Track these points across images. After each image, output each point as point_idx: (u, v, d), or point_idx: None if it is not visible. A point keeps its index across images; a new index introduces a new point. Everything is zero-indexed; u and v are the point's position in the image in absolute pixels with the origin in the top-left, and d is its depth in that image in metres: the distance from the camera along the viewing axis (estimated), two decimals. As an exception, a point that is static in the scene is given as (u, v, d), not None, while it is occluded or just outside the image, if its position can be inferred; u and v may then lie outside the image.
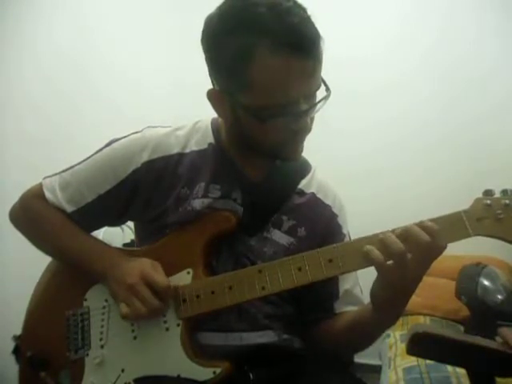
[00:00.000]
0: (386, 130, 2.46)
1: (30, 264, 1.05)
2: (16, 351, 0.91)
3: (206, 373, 0.78)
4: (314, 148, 1.05)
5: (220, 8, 0.74)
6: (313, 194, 0.93)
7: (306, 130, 0.79)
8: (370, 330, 0.84)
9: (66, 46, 2.02)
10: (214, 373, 0.78)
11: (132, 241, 1.75)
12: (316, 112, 0.79)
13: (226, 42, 0.73)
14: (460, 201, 0.77)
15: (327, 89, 0.78)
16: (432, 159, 2.39)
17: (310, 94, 0.75)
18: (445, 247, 0.70)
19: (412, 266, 0.69)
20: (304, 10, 0.72)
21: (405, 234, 0.69)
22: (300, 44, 0.69)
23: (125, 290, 0.80)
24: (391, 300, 0.73)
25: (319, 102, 0.77)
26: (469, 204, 0.76)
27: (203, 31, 0.77)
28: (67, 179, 0.90)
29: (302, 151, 0.84)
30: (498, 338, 0.95)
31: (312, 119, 0.80)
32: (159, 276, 0.81)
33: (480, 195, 0.76)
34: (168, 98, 2.53)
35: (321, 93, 0.78)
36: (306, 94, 0.74)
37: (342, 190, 1.00)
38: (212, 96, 0.80)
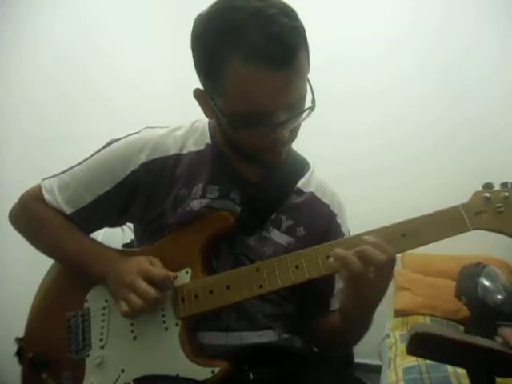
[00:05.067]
0: (386, 131, 2.47)
1: (30, 264, 1.05)
2: (19, 353, 0.91)
3: (204, 372, 0.79)
4: (314, 148, 1.05)
5: (208, 9, 0.73)
6: (311, 193, 0.93)
7: (283, 140, 0.75)
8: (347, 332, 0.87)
9: (66, 45, 2.02)
10: (213, 372, 0.78)
11: (132, 241, 1.74)
12: (297, 123, 0.76)
13: (204, 46, 0.72)
14: (460, 200, 0.77)
15: (313, 99, 0.76)
16: (432, 159, 2.40)
17: (287, 105, 0.71)
18: (393, 258, 0.71)
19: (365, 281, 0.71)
20: (290, 17, 0.69)
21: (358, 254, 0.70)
22: (273, 56, 0.67)
23: (123, 289, 0.81)
24: (353, 308, 0.77)
25: (299, 113, 0.74)
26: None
27: (191, 31, 0.76)
28: (66, 181, 0.90)
29: (284, 158, 0.81)
30: (498, 338, 0.95)
31: (296, 128, 0.78)
32: (156, 268, 0.81)
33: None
34: (168, 98, 2.53)
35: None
36: (283, 105, 0.71)
37: (342, 190, 1.00)
38: (197, 95, 0.80)
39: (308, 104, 0.76)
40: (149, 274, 0.80)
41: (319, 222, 0.92)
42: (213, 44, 0.70)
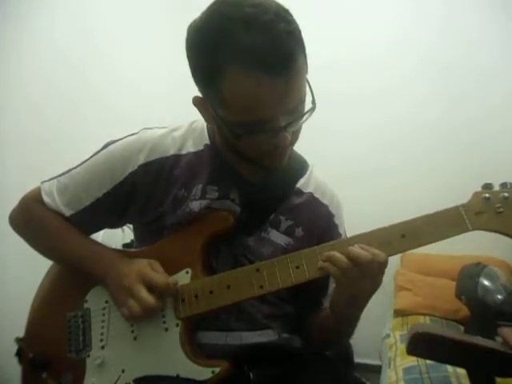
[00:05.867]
0: (386, 131, 2.47)
1: (30, 264, 1.05)
2: (19, 353, 0.91)
3: (204, 372, 0.79)
4: (314, 148, 1.05)
5: (200, 17, 0.72)
6: (310, 193, 0.93)
7: (286, 144, 0.75)
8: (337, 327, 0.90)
9: (66, 46, 2.01)
10: (213, 372, 0.78)
11: (132, 241, 1.75)
12: (298, 126, 0.76)
13: (200, 57, 0.72)
14: (460, 200, 0.77)
15: (313, 101, 0.75)
16: (432, 159, 2.40)
17: (288, 110, 0.71)
18: (380, 260, 0.74)
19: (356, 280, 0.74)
20: (286, 21, 0.68)
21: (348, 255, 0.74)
22: (271, 63, 0.66)
23: (123, 293, 0.81)
24: (343, 305, 0.82)
25: (300, 116, 0.74)
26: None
27: (185, 40, 0.75)
28: (65, 183, 0.90)
29: (286, 160, 0.81)
30: (498, 338, 0.95)
31: (298, 130, 0.78)
32: (157, 274, 0.81)
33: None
34: (168, 98, 2.53)
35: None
36: (284, 110, 0.71)
37: (342, 190, 1.00)
38: (197, 103, 0.80)
39: (308, 105, 0.76)
40: (150, 280, 0.80)
41: (318, 222, 0.92)
42: (209, 54, 0.70)
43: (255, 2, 0.68)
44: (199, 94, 0.78)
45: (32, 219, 0.92)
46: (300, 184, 0.93)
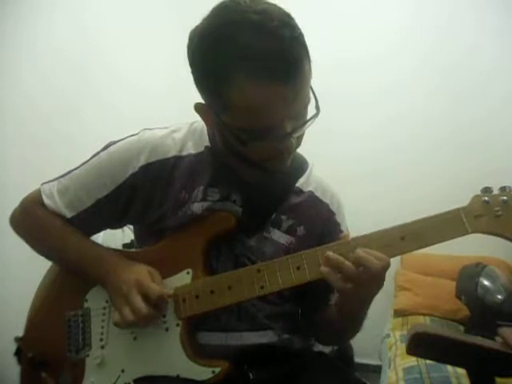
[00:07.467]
0: (387, 131, 2.47)
1: (30, 264, 1.05)
2: (18, 353, 0.91)
3: (204, 372, 0.79)
4: (315, 149, 1.05)
5: (203, 23, 0.72)
6: (311, 192, 0.93)
7: (291, 149, 0.76)
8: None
9: (66, 45, 2.01)
10: (213, 372, 0.78)
11: (132, 241, 1.75)
12: (303, 131, 0.76)
13: (204, 64, 0.71)
14: (460, 201, 0.77)
15: (317, 106, 0.75)
16: (432, 160, 2.40)
17: (293, 116, 0.72)
18: (388, 266, 0.74)
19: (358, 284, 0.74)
20: (292, 28, 0.67)
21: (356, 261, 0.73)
22: (279, 71, 0.66)
23: (119, 298, 0.81)
24: (349, 306, 0.82)
25: (305, 122, 0.74)
26: (468, 204, 0.76)
27: (187, 46, 0.74)
28: (65, 184, 0.90)
29: (289, 163, 0.82)
30: (497, 338, 0.95)
31: (301, 135, 0.78)
32: (154, 285, 0.80)
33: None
34: (168, 99, 2.53)
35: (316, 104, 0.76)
36: (290, 116, 0.71)
37: (342, 190, 1.00)
38: (199, 109, 0.80)
39: (311, 109, 0.75)
40: (145, 289, 0.80)
41: (318, 220, 0.93)
42: (214, 61, 0.69)
43: (258, 8, 0.67)
44: (200, 100, 0.77)
45: (32, 221, 0.92)
46: (300, 183, 0.93)
